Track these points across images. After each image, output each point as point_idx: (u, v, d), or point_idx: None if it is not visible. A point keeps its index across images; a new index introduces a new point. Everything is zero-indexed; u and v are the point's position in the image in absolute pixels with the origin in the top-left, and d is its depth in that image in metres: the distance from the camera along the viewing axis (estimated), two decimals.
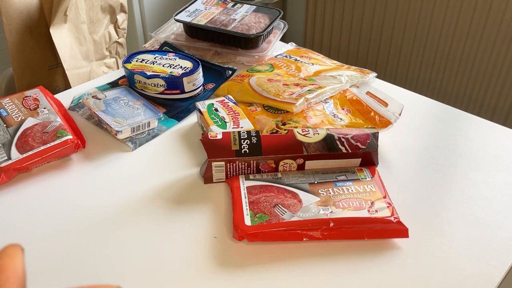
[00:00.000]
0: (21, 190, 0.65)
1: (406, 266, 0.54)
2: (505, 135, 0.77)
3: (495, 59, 1.67)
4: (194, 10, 1.00)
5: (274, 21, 0.98)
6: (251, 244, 0.56)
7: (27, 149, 0.67)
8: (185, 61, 0.87)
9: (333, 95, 0.81)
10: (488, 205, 0.63)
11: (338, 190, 0.61)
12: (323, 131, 0.66)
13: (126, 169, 0.69)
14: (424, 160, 0.71)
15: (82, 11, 1.15)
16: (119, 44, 1.32)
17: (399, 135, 0.77)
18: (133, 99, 0.80)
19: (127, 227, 0.59)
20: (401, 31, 1.86)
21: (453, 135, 0.77)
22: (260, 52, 0.95)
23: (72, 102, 0.84)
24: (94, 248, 0.56)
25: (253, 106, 0.79)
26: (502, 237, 0.58)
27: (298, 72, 0.88)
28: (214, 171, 0.64)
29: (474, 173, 0.69)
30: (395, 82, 1.98)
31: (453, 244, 0.57)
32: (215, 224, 0.59)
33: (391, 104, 0.78)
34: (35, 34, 1.09)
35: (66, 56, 1.13)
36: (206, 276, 0.52)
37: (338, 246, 0.56)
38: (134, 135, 0.75)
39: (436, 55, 1.81)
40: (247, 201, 0.59)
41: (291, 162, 0.64)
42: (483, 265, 0.54)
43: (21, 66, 1.09)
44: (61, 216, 0.60)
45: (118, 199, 0.63)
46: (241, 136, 0.65)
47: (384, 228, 0.56)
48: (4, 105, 0.76)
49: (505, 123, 1.76)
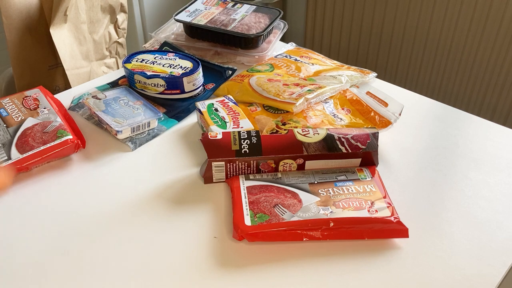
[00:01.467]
0: (21, 190, 0.65)
1: (406, 266, 0.54)
2: (505, 135, 0.77)
3: (495, 59, 1.67)
4: (194, 10, 1.00)
5: (274, 21, 0.98)
6: (251, 244, 0.56)
7: (27, 149, 0.67)
8: (185, 61, 0.87)
9: (333, 95, 0.81)
10: (488, 205, 0.63)
11: (338, 190, 0.61)
12: (323, 131, 0.66)
13: (126, 169, 0.69)
14: (424, 160, 0.71)
15: (82, 11, 1.15)
16: (119, 44, 1.32)
17: (399, 135, 0.77)
18: (133, 99, 0.80)
19: (127, 227, 0.59)
20: (401, 31, 1.86)
21: (453, 135, 0.77)
22: (260, 52, 0.95)
23: (72, 102, 0.84)
24: (94, 248, 0.56)
25: (253, 106, 0.79)
26: (502, 237, 0.58)
27: (298, 72, 0.88)
28: (214, 171, 0.64)
29: (474, 173, 0.69)
30: (395, 82, 1.98)
31: (453, 244, 0.57)
32: (215, 224, 0.59)
33: (391, 104, 0.78)
34: (35, 34, 1.09)
35: (66, 56, 1.13)
36: (206, 276, 0.52)
37: (338, 246, 0.56)
38: (134, 135, 0.75)
39: (436, 55, 1.81)
40: (247, 201, 0.59)
41: (291, 162, 0.64)
42: (483, 265, 0.54)
43: (21, 66, 1.09)
44: (61, 216, 0.60)
45: (118, 199, 0.63)
46: (241, 136, 0.65)
47: (384, 228, 0.56)
48: (4, 105, 0.76)
49: (505, 123, 1.76)
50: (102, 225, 0.59)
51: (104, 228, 0.59)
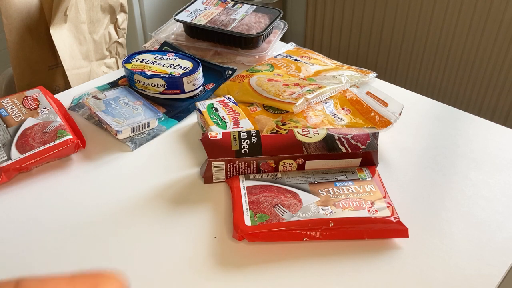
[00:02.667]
0: (21, 190, 0.65)
1: (406, 266, 0.54)
2: (505, 135, 0.77)
3: (495, 59, 1.67)
4: (194, 10, 1.00)
5: (274, 21, 0.98)
6: (251, 244, 0.56)
7: (27, 149, 0.67)
8: (185, 61, 0.87)
9: (333, 95, 0.81)
10: (488, 205, 0.63)
11: (338, 190, 0.61)
12: (323, 131, 0.66)
13: (126, 169, 0.69)
14: (424, 160, 0.71)
15: (82, 11, 1.15)
16: (119, 44, 1.32)
17: (399, 135, 0.77)
18: (133, 99, 0.80)
19: (127, 227, 0.59)
20: (401, 31, 1.86)
21: (453, 135, 0.77)
22: (260, 52, 0.95)
23: (72, 102, 0.84)
24: (94, 248, 0.56)
25: (253, 106, 0.79)
26: (502, 237, 0.58)
27: (298, 72, 0.88)
28: (214, 171, 0.64)
29: (474, 173, 0.69)
30: (395, 82, 1.98)
31: (453, 244, 0.57)
32: (215, 224, 0.59)
33: (391, 104, 0.78)
34: (35, 34, 1.09)
35: (66, 56, 1.13)
36: (206, 276, 0.52)
37: (338, 246, 0.56)
38: (134, 135, 0.75)
39: (436, 55, 1.81)
40: (247, 201, 0.59)
41: (291, 162, 0.64)
42: (483, 265, 0.54)
43: (21, 66, 1.09)
44: (61, 216, 0.60)
45: (118, 199, 0.63)
46: (241, 136, 0.65)
47: (384, 228, 0.56)
48: (4, 105, 0.76)
49: (505, 123, 1.76)
50: (102, 225, 0.59)
51: (104, 228, 0.59)
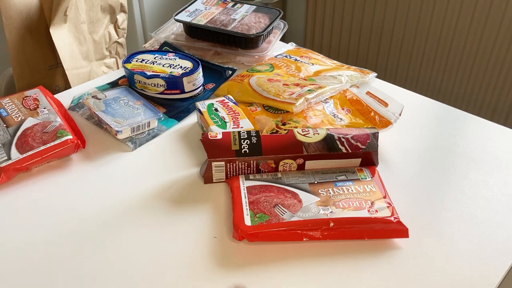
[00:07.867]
0: (21, 190, 0.65)
1: (406, 266, 0.54)
2: (505, 135, 0.77)
3: (495, 59, 1.67)
4: (194, 10, 1.00)
5: (274, 21, 0.98)
6: (251, 244, 0.56)
7: (27, 149, 0.67)
8: (185, 61, 0.87)
9: (333, 95, 0.81)
10: (488, 205, 0.63)
11: (338, 190, 0.61)
12: (323, 131, 0.66)
13: (126, 169, 0.69)
14: (424, 160, 0.71)
15: (82, 11, 1.15)
16: (119, 44, 1.32)
17: (399, 135, 0.77)
18: (133, 99, 0.80)
19: (127, 227, 0.59)
20: (401, 31, 1.86)
21: (453, 135, 0.77)
22: (260, 52, 0.95)
23: (72, 102, 0.84)
24: (94, 248, 0.56)
25: (253, 106, 0.79)
26: (502, 237, 0.58)
27: (298, 72, 0.88)
28: (214, 171, 0.64)
29: (474, 173, 0.69)
30: (395, 82, 1.98)
31: (453, 244, 0.57)
32: (215, 224, 0.59)
33: (391, 104, 0.78)
34: (35, 34, 1.09)
35: (66, 56, 1.13)
36: (206, 276, 0.52)
37: (338, 246, 0.56)
38: (134, 135, 0.75)
39: (436, 55, 1.81)
40: (247, 201, 0.59)
41: (291, 162, 0.64)
42: (483, 265, 0.54)
43: (21, 66, 1.09)
44: (61, 216, 0.60)
45: (118, 199, 0.63)
46: (241, 136, 0.65)
47: (384, 228, 0.56)
48: (4, 105, 0.76)
49: (505, 123, 1.76)
50: (102, 225, 0.59)
51: (104, 228, 0.59)
